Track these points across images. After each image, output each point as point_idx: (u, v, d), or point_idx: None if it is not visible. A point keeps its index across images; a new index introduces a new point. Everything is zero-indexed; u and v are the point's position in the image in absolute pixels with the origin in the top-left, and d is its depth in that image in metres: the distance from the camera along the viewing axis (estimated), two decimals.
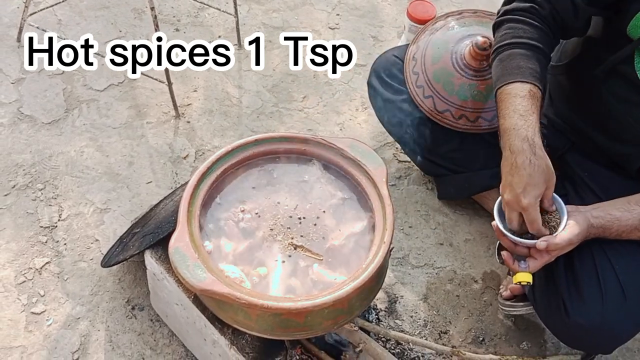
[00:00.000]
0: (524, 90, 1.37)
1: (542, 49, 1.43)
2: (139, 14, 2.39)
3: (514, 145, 1.34)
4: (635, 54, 1.38)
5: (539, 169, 1.32)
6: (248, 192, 1.42)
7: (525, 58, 1.41)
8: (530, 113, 1.35)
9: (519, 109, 1.36)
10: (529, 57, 1.41)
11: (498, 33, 1.50)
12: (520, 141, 1.33)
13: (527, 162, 1.32)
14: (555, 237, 1.34)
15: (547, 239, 1.33)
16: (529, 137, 1.33)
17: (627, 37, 1.38)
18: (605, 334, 1.42)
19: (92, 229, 1.82)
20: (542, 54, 1.43)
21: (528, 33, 1.43)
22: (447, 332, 1.75)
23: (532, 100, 1.37)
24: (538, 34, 1.43)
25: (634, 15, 1.35)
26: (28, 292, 1.69)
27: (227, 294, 1.19)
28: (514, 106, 1.37)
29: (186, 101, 2.18)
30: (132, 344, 1.63)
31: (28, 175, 1.91)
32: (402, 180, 2.06)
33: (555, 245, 1.33)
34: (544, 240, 1.32)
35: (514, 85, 1.39)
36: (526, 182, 1.32)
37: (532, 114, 1.35)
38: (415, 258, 1.88)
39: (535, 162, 1.32)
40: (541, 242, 1.32)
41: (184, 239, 1.25)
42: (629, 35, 1.38)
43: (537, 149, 1.33)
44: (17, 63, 2.17)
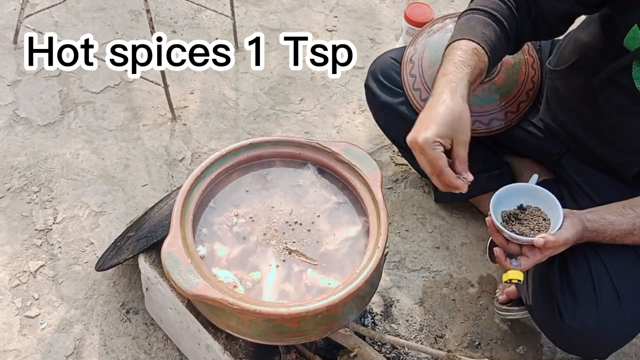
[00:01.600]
0: (467, 46, 1.34)
1: (502, 22, 1.40)
2: (135, 15, 2.38)
3: (437, 88, 1.28)
4: (633, 63, 1.37)
5: (450, 111, 1.24)
6: (242, 196, 1.41)
7: (483, 24, 1.39)
8: (465, 65, 1.31)
9: (455, 60, 1.32)
10: (486, 24, 1.39)
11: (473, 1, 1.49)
12: (444, 85, 1.27)
13: (441, 102, 1.25)
14: (553, 234, 1.33)
15: (544, 235, 1.32)
16: (453, 83, 1.27)
17: (624, 48, 1.37)
18: (601, 338, 1.41)
19: (87, 232, 1.82)
20: (501, 27, 1.40)
21: (496, 6, 1.42)
22: (443, 336, 1.74)
23: (472, 56, 1.32)
24: (503, 9, 1.41)
25: (630, 27, 1.33)
26: (22, 296, 1.68)
27: (220, 300, 1.18)
28: (451, 57, 1.33)
29: (182, 103, 2.17)
30: (126, 348, 1.63)
31: (23, 178, 1.91)
32: (399, 184, 2.05)
33: (552, 243, 1.32)
34: (541, 237, 1.31)
35: (461, 41, 1.36)
36: (431, 118, 1.23)
37: (466, 66, 1.31)
38: (412, 262, 1.88)
39: (450, 104, 1.24)
40: (539, 238, 1.31)
41: (177, 244, 1.25)
42: (625, 47, 1.37)
43: (458, 96, 1.26)
44: (13, 65, 2.17)
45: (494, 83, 1.73)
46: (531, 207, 1.41)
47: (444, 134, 1.22)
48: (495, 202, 1.39)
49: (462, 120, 1.25)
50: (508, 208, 1.41)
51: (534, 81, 1.74)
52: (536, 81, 1.74)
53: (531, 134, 1.72)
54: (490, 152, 1.86)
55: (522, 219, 1.39)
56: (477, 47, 1.33)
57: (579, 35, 1.55)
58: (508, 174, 1.84)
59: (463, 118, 1.25)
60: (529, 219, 1.39)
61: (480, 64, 1.33)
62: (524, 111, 1.74)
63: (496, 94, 1.73)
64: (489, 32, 1.37)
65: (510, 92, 1.73)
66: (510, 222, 1.38)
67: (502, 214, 1.40)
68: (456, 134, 1.24)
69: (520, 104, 1.73)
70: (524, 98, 1.74)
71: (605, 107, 1.46)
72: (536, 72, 1.74)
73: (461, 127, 1.25)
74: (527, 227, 1.37)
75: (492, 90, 1.73)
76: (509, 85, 1.73)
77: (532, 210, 1.41)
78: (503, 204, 1.41)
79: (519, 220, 1.39)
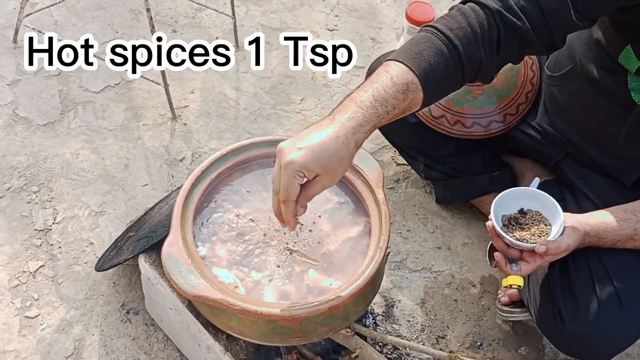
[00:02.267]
0: (401, 79, 1.15)
1: (460, 54, 1.20)
2: (135, 14, 2.37)
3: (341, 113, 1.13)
4: (628, 76, 1.37)
5: (333, 154, 1.09)
6: (243, 197, 1.41)
7: (434, 52, 1.18)
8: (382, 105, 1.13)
9: (377, 91, 1.14)
10: (438, 54, 1.18)
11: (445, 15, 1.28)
12: (349, 119, 1.11)
13: (333, 136, 1.09)
14: (554, 241, 1.32)
15: (546, 242, 1.31)
16: (356, 125, 1.11)
17: (618, 62, 1.36)
18: (602, 342, 1.41)
19: (87, 232, 1.81)
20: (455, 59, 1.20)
21: (460, 31, 1.20)
22: (444, 337, 1.73)
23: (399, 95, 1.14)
24: (469, 35, 1.20)
25: (623, 47, 1.33)
26: (22, 296, 1.68)
27: (221, 300, 1.18)
28: (377, 83, 1.15)
29: (183, 103, 2.16)
30: (126, 349, 1.62)
31: (23, 178, 1.90)
32: (400, 184, 2.04)
33: (553, 249, 1.31)
34: (542, 244, 1.31)
35: (399, 66, 1.16)
36: (312, 147, 1.09)
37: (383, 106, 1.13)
38: (413, 262, 1.87)
39: (337, 147, 1.09)
40: (540, 245, 1.31)
41: (177, 244, 1.24)
42: (620, 63, 1.36)
43: (353, 142, 1.11)
44: (12, 64, 2.16)
45: (493, 85, 1.72)
46: (532, 211, 1.41)
47: (312, 169, 1.10)
48: (496, 206, 1.38)
49: (339, 169, 1.13)
50: (509, 212, 1.40)
51: (532, 83, 1.73)
52: (535, 83, 1.73)
53: (530, 136, 1.71)
54: (490, 154, 1.85)
55: (522, 223, 1.38)
56: (412, 83, 1.15)
57: (573, 41, 1.54)
58: (509, 175, 1.84)
59: (342, 167, 1.13)
60: (530, 223, 1.38)
61: (404, 104, 1.16)
62: (523, 113, 1.73)
63: (495, 96, 1.72)
64: (437, 64, 1.17)
65: (509, 94, 1.72)
66: (510, 226, 1.38)
67: (502, 218, 1.39)
68: (324, 176, 1.12)
69: (519, 106, 1.72)
70: (522, 100, 1.73)
71: (601, 114, 1.45)
72: (535, 74, 1.74)
73: (332, 174, 1.13)
74: (528, 231, 1.36)
75: (491, 92, 1.72)
76: (507, 88, 1.72)
77: (533, 214, 1.40)
78: (504, 208, 1.40)
79: (520, 225, 1.38)
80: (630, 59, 1.33)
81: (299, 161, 1.09)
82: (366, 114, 1.12)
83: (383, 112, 1.13)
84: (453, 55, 1.19)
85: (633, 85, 1.37)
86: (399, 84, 1.15)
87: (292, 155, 1.09)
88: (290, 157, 1.09)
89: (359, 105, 1.13)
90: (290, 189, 1.11)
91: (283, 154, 1.11)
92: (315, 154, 1.09)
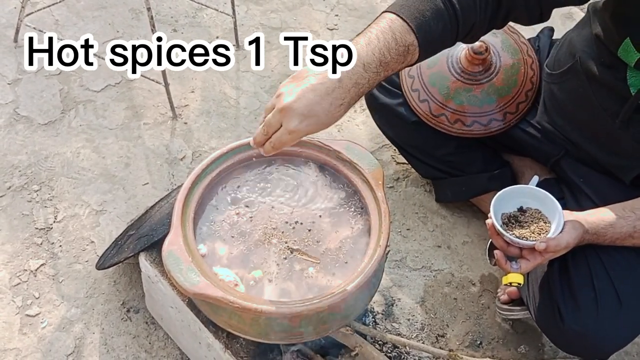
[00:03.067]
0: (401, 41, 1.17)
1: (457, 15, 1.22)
2: (136, 14, 2.38)
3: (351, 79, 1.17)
4: (627, 72, 1.37)
5: (335, 120, 1.16)
6: (243, 195, 1.41)
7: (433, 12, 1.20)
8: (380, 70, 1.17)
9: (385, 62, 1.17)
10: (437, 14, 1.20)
11: None
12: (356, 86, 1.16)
13: (343, 108, 1.15)
14: (554, 238, 1.32)
15: (546, 239, 1.32)
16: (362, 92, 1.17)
17: (618, 57, 1.37)
18: (601, 340, 1.41)
19: (87, 230, 1.81)
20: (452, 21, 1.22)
21: None
22: (444, 336, 1.74)
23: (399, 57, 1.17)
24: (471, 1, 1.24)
25: (621, 40, 1.33)
26: (23, 294, 1.68)
27: (221, 298, 1.18)
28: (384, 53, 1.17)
29: (183, 102, 2.17)
30: (127, 347, 1.62)
31: (24, 177, 1.90)
32: (400, 182, 2.05)
33: (553, 247, 1.31)
34: (542, 241, 1.31)
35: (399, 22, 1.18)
36: (319, 120, 1.14)
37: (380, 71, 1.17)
38: (413, 260, 1.87)
39: (341, 115, 1.16)
40: (540, 242, 1.31)
41: (178, 242, 1.24)
42: (619, 57, 1.36)
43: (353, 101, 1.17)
44: (13, 64, 2.17)
45: (493, 84, 1.73)
46: (531, 209, 1.41)
47: (312, 131, 1.16)
48: (496, 204, 1.38)
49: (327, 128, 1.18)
50: (508, 210, 1.41)
51: (532, 82, 1.74)
52: (535, 82, 1.73)
53: (530, 135, 1.71)
54: (490, 152, 1.86)
55: (522, 221, 1.39)
56: (411, 45, 1.17)
57: (574, 38, 1.55)
58: (509, 173, 1.84)
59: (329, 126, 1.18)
60: (529, 221, 1.39)
61: (399, 66, 1.19)
62: (522, 112, 1.73)
63: (495, 94, 1.72)
64: (437, 26, 1.19)
65: (509, 92, 1.73)
66: (510, 224, 1.38)
67: (502, 216, 1.39)
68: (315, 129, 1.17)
69: (519, 104, 1.72)
70: (522, 99, 1.73)
71: (601, 111, 1.45)
72: (535, 72, 1.74)
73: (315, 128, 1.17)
74: (528, 229, 1.37)
75: (491, 91, 1.73)
76: (507, 86, 1.73)
77: (533, 212, 1.41)
78: (503, 206, 1.40)
79: (519, 223, 1.38)
80: (629, 52, 1.33)
81: (304, 130, 1.15)
82: (371, 80, 1.17)
83: (383, 75, 1.18)
84: (451, 19, 1.22)
85: (632, 80, 1.37)
86: (401, 47, 1.17)
87: (298, 124, 1.14)
88: (296, 127, 1.14)
89: (366, 68, 1.17)
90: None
91: (288, 115, 1.14)
92: (320, 122, 1.15)
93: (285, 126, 1.15)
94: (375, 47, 1.17)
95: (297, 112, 1.14)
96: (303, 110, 1.14)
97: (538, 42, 1.80)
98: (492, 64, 1.73)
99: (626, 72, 1.37)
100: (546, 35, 1.80)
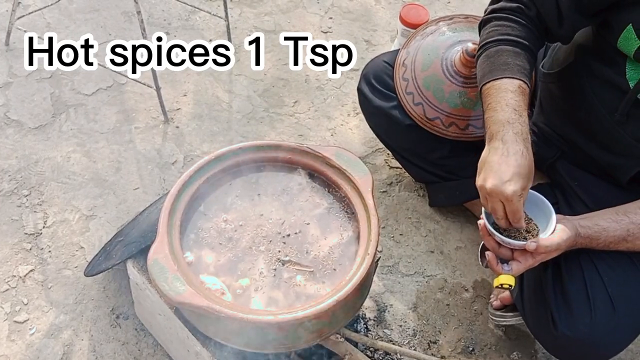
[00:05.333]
0: (513, 86, 1.34)
1: (529, 47, 1.40)
2: (129, 17, 2.36)
3: (507, 136, 1.30)
4: (627, 65, 1.36)
5: (528, 163, 1.29)
6: (232, 202, 1.40)
7: (514, 55, 1.38)
8: (523, 109, 1.33)
9: (512, 103, 1.33)
10: (517, 54, 1.38)
11: (485, 30, 1.47)
12: (514, 134, 1.30)
13: (520, 153, 1.28)
14: (545, 239, 1.31)
15: (537, 240, 1.30)
16: (523, 132, 1.31)
17: (618, 49, 1.35)
18: (595, 346, 1.40)
19: (77, 236, 1.80)
20: (529, 52, 1.40)
21: (515, 31, 1.40)
22: (436, 342, 1.72)
23: (523, 97, 1.34)
24: (525, 32, 1.41)
25: (622, 28, 1.32)
26: (11, 300, 1.67)
27: (206, 307, 1.17)
28: (506, 100, 1.33)
29: (175, 106, 2.15)
30: (116, 354, 1.61)
31: (13, 181, 1.89)
32: (393, 187, 2.03)
33: (544, 247, 1.30)
34: (533, 242, 1.30)
35: (503, 80, 1.35)
36: (515, 171, 1.27)
37: (524, 110, 1.33)
38: (405, 266, 1.86)
39: (527, 155, 1.29)
40: (531, 242, 1.30)
41: (163, 250, 1.23)
42: (619, 49, 1.35)
43: (529, 145, 1.31)
44: (4, 67, 2.15)
45: None
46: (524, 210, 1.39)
47: (527, 186, 1.29)
48: None
49: (532, 170, 1.30)
50: None
51: None
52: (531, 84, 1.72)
53: None
54: None
55: None
56: (521, 85, 1.35)
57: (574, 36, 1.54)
58: None
59: (532, 167, 1.30)
60: None
61: (527, 100, 1.36)
62: None
63: None
64: (522, 62, 1.37)
65: None
66: None
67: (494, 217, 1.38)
68: (529, 183, 1.30)
69: None
70: None
71: (599, 109, 1.44)
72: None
73: (530, 177, 1.30)
74: (519, 231, 1.35)
75: None
76: None
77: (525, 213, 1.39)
78: None
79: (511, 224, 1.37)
80: (630, 40, 1.32)
81: (518, 186, 1.27)
82: (520, 123, 1.31)
83: (525, 116, 1.33)
84: (526, 51, 1.39)
85: (631, 74, 1.36)
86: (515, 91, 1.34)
87: (509, 186, 1.26)
88: (510, 189, 1.26)
89: (508, 121, 1.31)
90: (521, 210, 1.30)
91: (500, 192, 1.27)
92: (521, 172, 1.27)
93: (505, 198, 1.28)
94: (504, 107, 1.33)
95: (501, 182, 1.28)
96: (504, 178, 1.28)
97: None
98: None
99: (625, 66, 1.36)
100: None
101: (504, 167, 1.27)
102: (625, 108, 1.39)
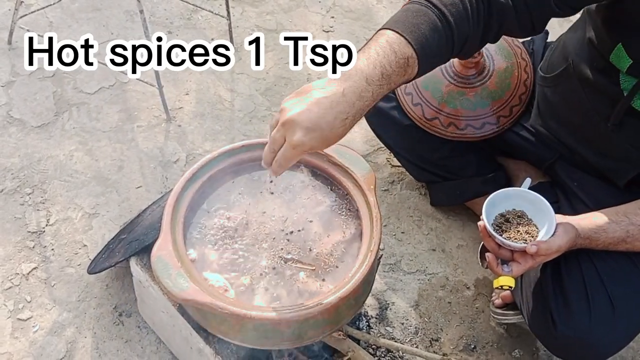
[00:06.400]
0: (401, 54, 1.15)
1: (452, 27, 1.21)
2: (131, 16, 2.37)
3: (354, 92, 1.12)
4: (620, 76, 1.36)
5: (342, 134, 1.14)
6: (235, 199, 1.40)
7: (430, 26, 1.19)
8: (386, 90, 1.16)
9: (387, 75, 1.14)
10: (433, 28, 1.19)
11: None
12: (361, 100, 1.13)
13: (348, 121, 1.12)
14: (545, 241, 1.31)
15: (537, 242, 1.31)
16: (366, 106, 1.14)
17: (610, 62, 1.36)
18: (594, 345, 1.40)
19: (80, 234, 1.81)
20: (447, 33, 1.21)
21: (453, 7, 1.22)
22: (438, 340, 1.73)
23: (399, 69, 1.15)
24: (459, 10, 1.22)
25: (614, 45, 1.32)
26: (14, 298, 1.67)
27: (209, 304, 1.17)
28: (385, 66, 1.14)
29: (177, 104, 2.16)
30: (118, 351, 1.61)
31: (16, 180, 1.90)
32: (395, 185, 2.04)
33: (545, 250, 1.30)
34: (533, 244, 1.30)
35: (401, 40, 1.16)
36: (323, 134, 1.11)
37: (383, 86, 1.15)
38: (407, 264, 1.86)
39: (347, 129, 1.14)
40: (531, 245, 1.30)
41: (167, 247, 1.23)
42: (611, 62, 1.35)
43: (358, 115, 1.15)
44: (7, 66, 2.16)
45: (486, 87, 1.72)
46: (524, 212, 1.40)
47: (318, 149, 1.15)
48: (488, 206, 1.37)
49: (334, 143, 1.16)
50: (500, 212, 1.40)
51: (526, 85, 1.73)
52: (529, 85, 1.73)
53: (524, 138, 1.71)
54: (485, 156, 1.85)
55: (514, 223, 1.38)
56: (411, 58, 1.16)
57: (567, 41, 1.54)
58: (503, 177, 1.83)
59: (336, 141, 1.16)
60: (522, 223, 1.38)
61: (401, 79, 1.18)
62: (516, 115, 1.72)
63: (488, 98, 1.72)
64: (433, 39, 1.18)
65: (503, 96, 1.72)
66: (502, 226, 1.37)
67: (495, 218, 1.39)
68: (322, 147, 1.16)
69: (513, 107, 1.72)
70: (516, 102, 1.72)
71: (594, 115, 1.44)
72: (529, 75, 1.73)
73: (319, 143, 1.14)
74: (519, 232, 1.36)
75: (484, 94, 1.72)
76: (501, 90, 1.72)
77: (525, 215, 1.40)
78: (496, 209, 1.40)
79: (512, 225, 1.37)
80: (621, 58, 1.32)
81: (308, 144, 1.11)
82: (375, 93, 1.14)
83: (386, 89, 1.16)
84: (446, 31, 1.21)
85: (625, 85, 1.36)
86: (400, 59, 1.15)
87: (302, 137, 1.10)
88: (300, 140, 1.10)
89: (369, 82, 1.14)
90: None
91: (292, 128, 1.11)
92: (324, 137, 1.12)
93: (289, 140, 1.12)
94: (376, 61, 1.15)
95: (300, 125, 1.11)
96: (307, 124, 1.10)
97: (532, 45, 1.79)
98: (485, 67, 1.72)
99: (619, 77, 1.36)
100: (540, 38, 1.79)
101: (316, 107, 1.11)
102: (618, 115, 1.39)
